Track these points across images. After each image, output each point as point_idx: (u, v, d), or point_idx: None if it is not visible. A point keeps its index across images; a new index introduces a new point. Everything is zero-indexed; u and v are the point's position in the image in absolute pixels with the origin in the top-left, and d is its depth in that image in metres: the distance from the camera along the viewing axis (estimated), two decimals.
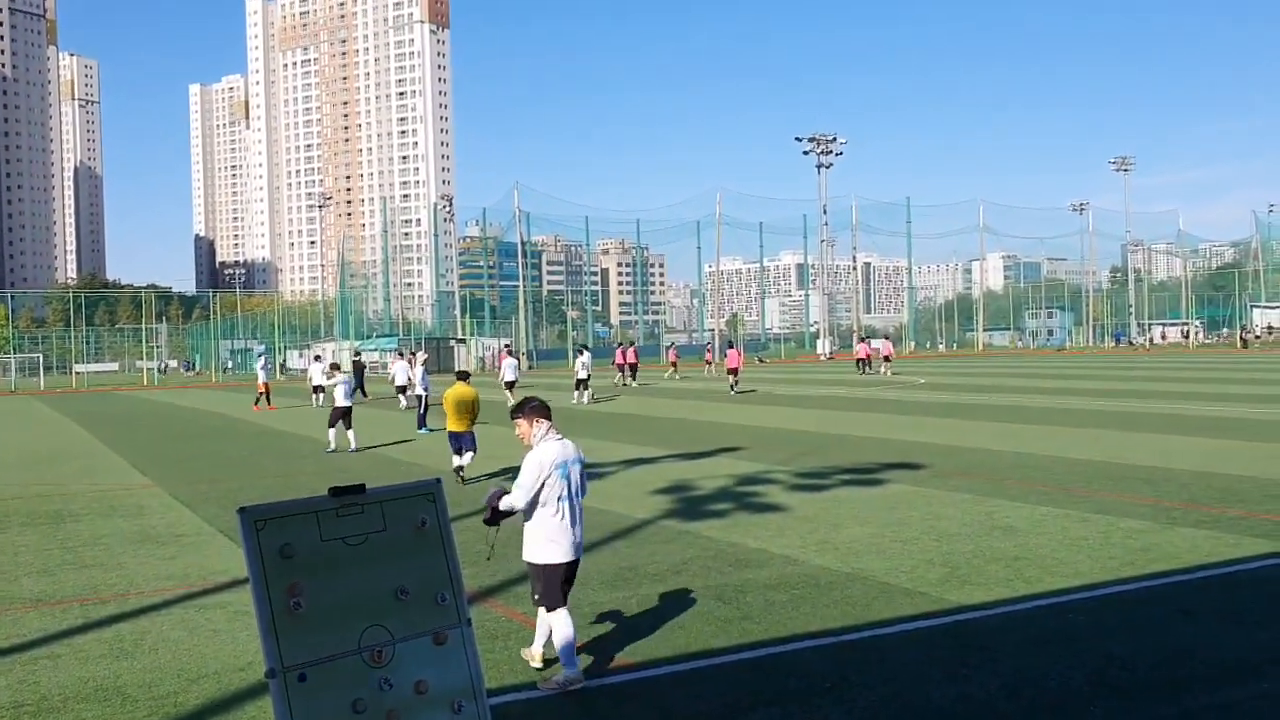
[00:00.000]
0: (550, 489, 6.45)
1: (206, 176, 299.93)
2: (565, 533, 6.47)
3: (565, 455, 6.57)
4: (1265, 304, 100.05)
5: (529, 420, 6.69)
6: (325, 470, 17.97)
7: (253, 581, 3.18)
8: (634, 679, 6.59)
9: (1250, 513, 11.44)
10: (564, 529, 6.47)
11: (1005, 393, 33.76)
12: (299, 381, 65.74)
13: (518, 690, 6.44)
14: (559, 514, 6.47)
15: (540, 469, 6.43)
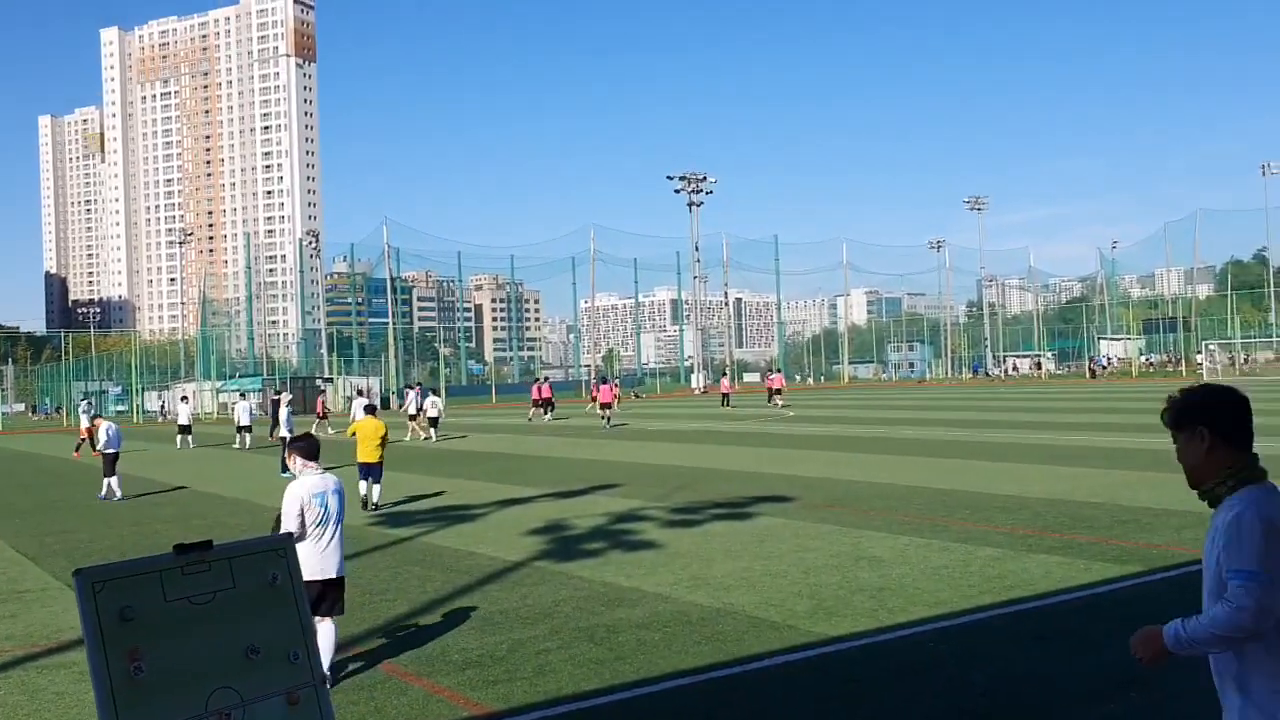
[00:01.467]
0: (308, 516, 7.25)
1: (58, 211, 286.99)
2: (317, 555, 7.23)
3: (325, 486, 7.39)
4: (1111, 336, 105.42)
5: (291, 456, 7.68)
6: (183, 518, 17.28)
7: (89, 649, 3.01)
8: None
9: (1100, 538, 11.96)
10: (321, 552, 7.28)
11: (870, 424, 34.66)
12: (160, 425, 63.20)
13: None
14: (317, 539, 7.28)
15: (298, 500, 7.24)
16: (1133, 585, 9.63)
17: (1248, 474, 3.01)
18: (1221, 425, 3.04)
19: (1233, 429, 3.04)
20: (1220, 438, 3.03)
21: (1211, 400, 3.07)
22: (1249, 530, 2.85)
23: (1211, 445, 3.04)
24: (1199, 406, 3.08)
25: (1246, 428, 3.07)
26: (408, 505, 17.60)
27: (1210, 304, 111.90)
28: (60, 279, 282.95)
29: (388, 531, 14.72)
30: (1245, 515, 2.90)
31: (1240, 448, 3.06)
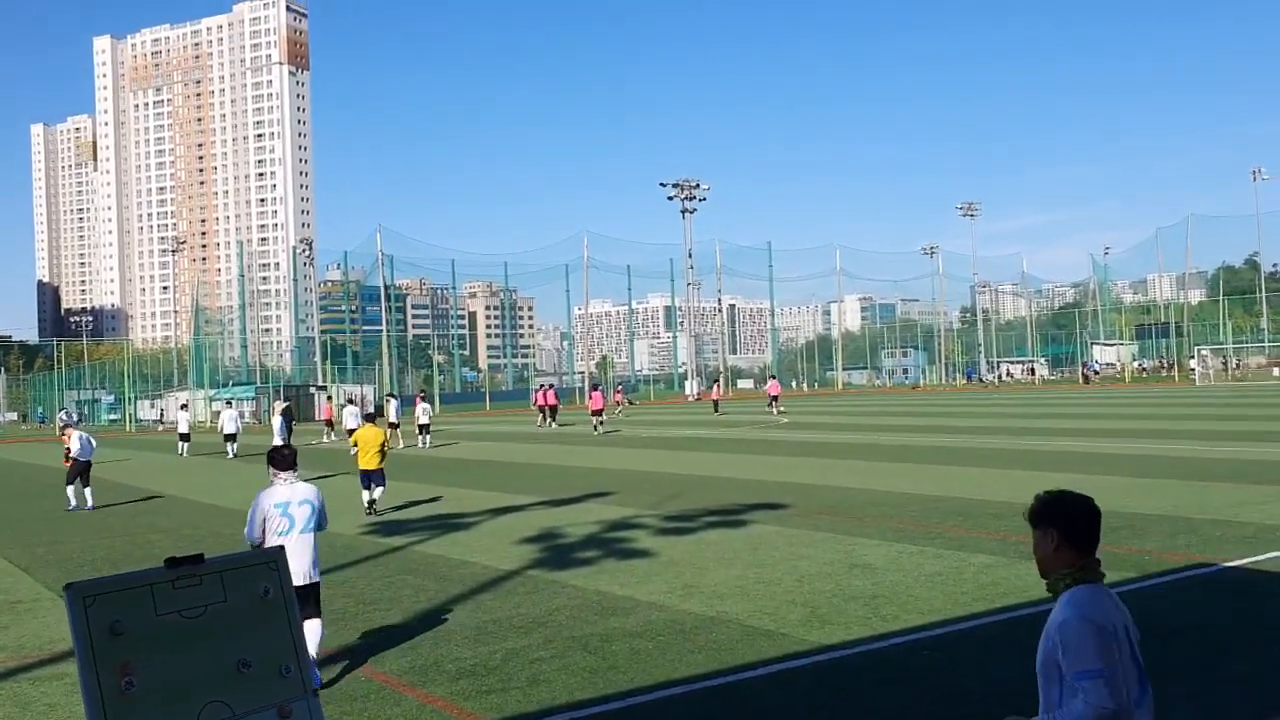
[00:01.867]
0: (272, 525, 7.63)
1: (51, 220, 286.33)
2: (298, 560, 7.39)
3: (290, 497, 7.72)
4: (1104, 341, 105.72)
5: (269, 467, 7.98)
6: (176, 528, 17.25)
7: (80, 663, 3.00)
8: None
9: None
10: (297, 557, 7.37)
11: (864, 431, 34.69)
12: (158, 433, 63.11)
13: None
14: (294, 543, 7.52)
15: (261, 509, 7.66)
16: (1125, 591, 9.64)
17: (1083, 575, 3.35)
18: (1069, 530, 3.40)
19: (1079, 535, 3.39)
20: (1066, 540, 3.39)
21: (1064, 507, 3.43)
22: (1081, 633, 3.17)
23: (1059, 545, 3.40)
24: (1054, 510, 3.44)
25: (1092, 535, 3.41)
26: (400, 514, 17.58)
27: (1202, 309, 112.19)
28: (53, 287, 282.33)
29: (381, 540, 14.70)
30: (1072, 620, 3.22)
31: (1082, 551, 3.40)
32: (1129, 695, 3.13)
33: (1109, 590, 3.39)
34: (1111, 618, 3.25)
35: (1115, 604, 3.34)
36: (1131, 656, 3.25)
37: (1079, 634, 3.17)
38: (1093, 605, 3.26)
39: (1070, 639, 3.18)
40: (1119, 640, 3.20)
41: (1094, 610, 3.23)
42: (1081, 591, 3.32)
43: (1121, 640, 3.21)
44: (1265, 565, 10.54)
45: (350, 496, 20.72)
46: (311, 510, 7.79)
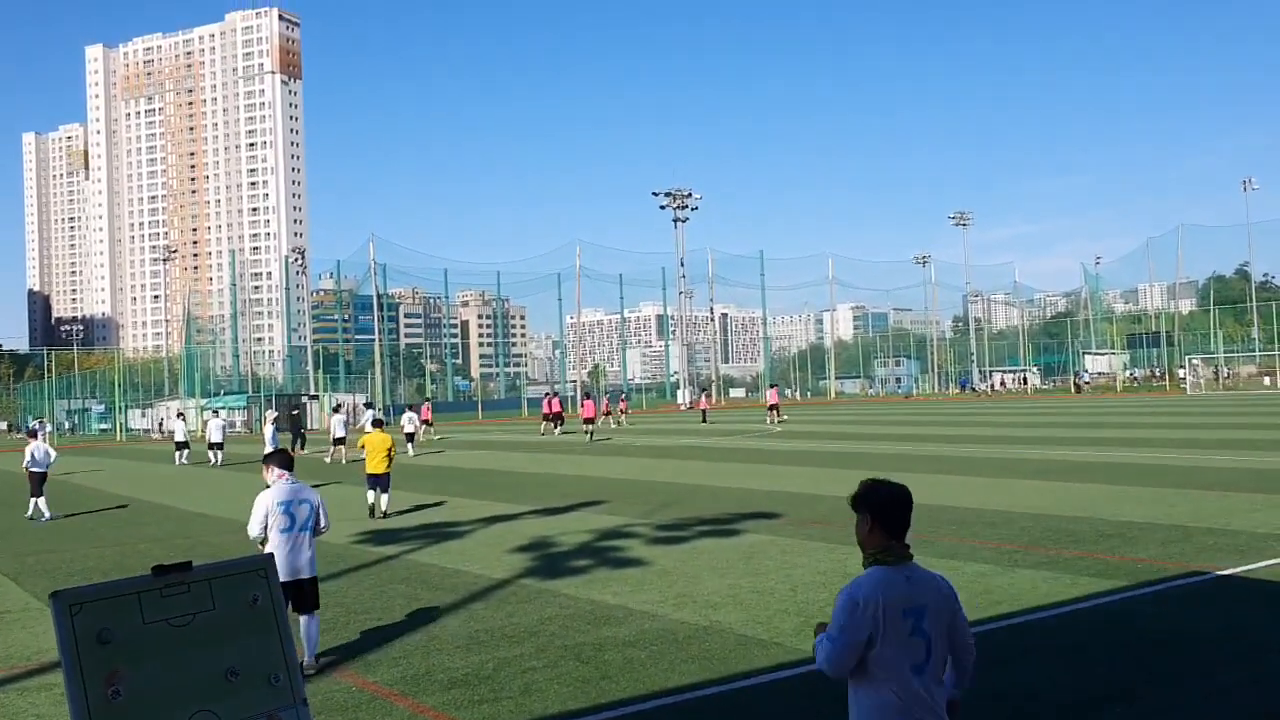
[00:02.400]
0: (274, 522, 8.10)
1: (42, 228, 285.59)
2: (287, 558, 8.05)
3: (291, 496, 8.21)
4: (1095, 351, 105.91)
5: (267, 468, 8.45)
6: (166, 537, 17.16)
7: (66, 672, 2.96)
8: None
9: (1086, 552, 11.97)
10: (282, 554, 8.01)
11: (857, 440, 34.69)
12: (152, 442, 62.88)
13: None
14: (278, 543, 8.09)
15: (264, 506, 8.13)
16: (1119, 599, 9.63)
17: (883, 557, 3.73)
18: (880, 516, 3.78)
19: (887, 520, 3.77)
20: (878, 524, 3.77)
21: (878, 496, 3.80)
22: (840, 604, 3.65)
23: (871, 528, 3.78)
24: (869, 498, 3.81)
25: (900, 521, 3.78)
26: (393, 523, 17.50)
27: (1193, 319, 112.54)
28: (43, 296, 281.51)
29: (373, 549, 14.64)
30: (841, 594, 3.69)
31: (890, 534, 3.77)
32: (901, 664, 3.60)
33: (908, 571, 3.73)
34: (884, 596, 3.62)
35: (907, 585, 3.69)
36: (914, 631, 3.63)
37: (838, 604, 3.65)
38: (866, 585, 3.66)
39: (836, 606, 3.66)
40: (880, 617, 3.58)
41: (861, 590, 3.63)
42: (871, 572, 3.72)
43: (889, 617, 3.59)
44: (1259, 574, 10.54)
45: (340, 507, 20.65)
46: (310, 509, 8.35)
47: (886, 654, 3.60)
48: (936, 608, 3.72)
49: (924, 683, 3.64)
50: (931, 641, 3.67)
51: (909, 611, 3.64)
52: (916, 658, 3.63)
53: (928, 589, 3.74)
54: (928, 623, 3.67)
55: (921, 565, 3.89)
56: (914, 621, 3.64)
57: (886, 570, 3.70)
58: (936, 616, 3.70)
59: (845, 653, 3.60)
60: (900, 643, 3.61)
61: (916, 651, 3.63)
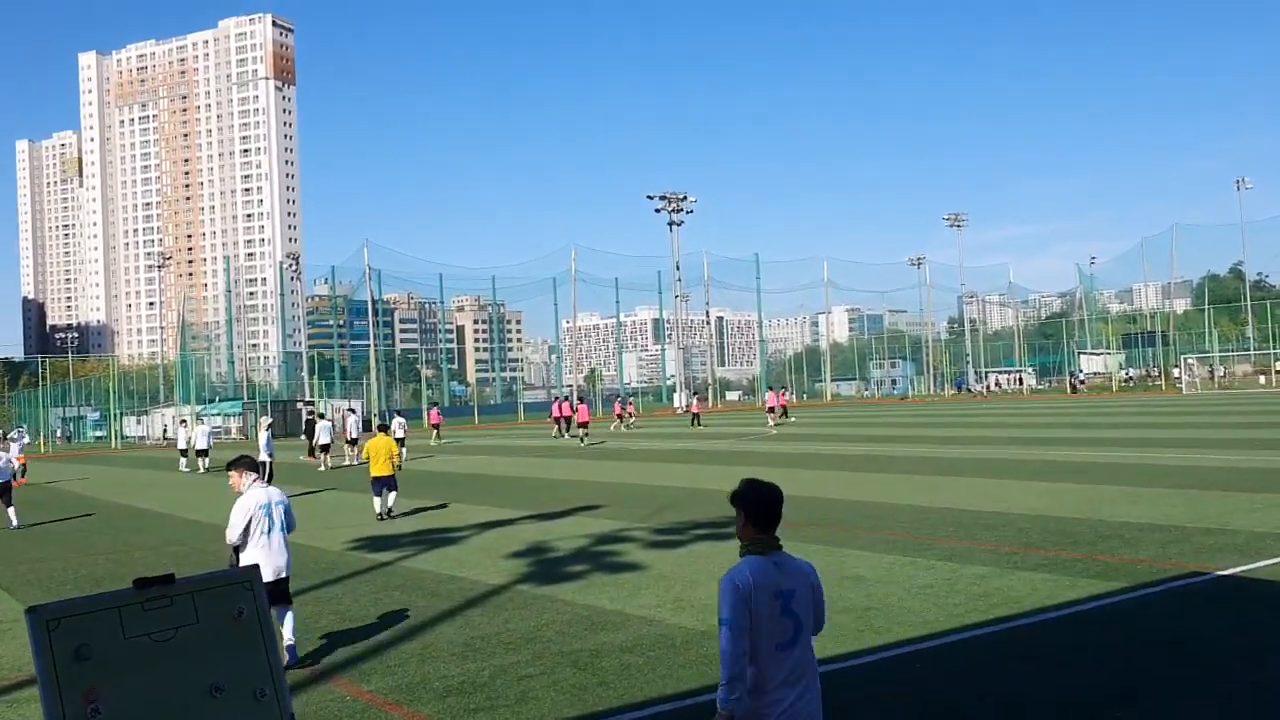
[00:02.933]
0: (255, 525, 8.37)
1: (36, 236, 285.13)
2: (269, 558, 8.35)
3: (269, 498, 8.51)
4: (1090, 351, 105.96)
5: (239, 473, 8.59)
6: (164, 544, 17.05)
7: (42, 690, 2.88)
8: None
9: (1084, 554, 11.91)
10: (268, 555, 8.35)
11: (853, 442, 34.63)
12: (139, 449, 62.70)
13: None
14: (262, 545, 8.39)
15: (247, 510, 8.35)
16: (1119, 601, 9.57)
17: (755, 548, 4.22)
18: (751, 512, 4.26)
19: (757, 516, 4.25)
20: (750, 519, 4.26)
21: (750, 494, 4.29)
22: (723, 591, 4.08)
23: (745, 523, 4.28)
24: (743, 496, 4.31)
25: (769, 516, 4.27)
26: (389, 529, 17.41)
27: (1188, 318, 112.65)
28: (38, 304, 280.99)
29: (367, 556, 14.55)
30: (723, 581, 4.10)
31: (761, 528, 4.25)
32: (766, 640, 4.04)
33: (777, 559, 4.20)
34: (759, 581, 4.09)
35: (776, 572, 4.16)
36: (783, 612, 4.10)
37: (722, 591, 4.08)
38: (743, 572, 4.10)
39: (720, 594, 4.09)
40: (757, 600, 4.04)
41: (740, 576, 4.08)
42: (747, 561, 4.18)
43: (764, 600, 4.06)
44: (1258, 573, 10.48)
45: (334, 513, 20.59)
46: (284, 509, 8.73)
47: (758, 633, 4.05)
48: (803, 591, 4.20)
49: (790, 657, 4.10)
50: (799, 621, 4.15)
51: (778, 594, 4.12)
52: (784, 636, 4.10)
53: (795, 575, 4.22)
54: (795, 604, 4.15)
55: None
56: (783, 603, 4.12)
57: (759, 559, 4.18)
58: (803, 599, 4.18)
59: (743, 634, 4.02)
60: (770, 622, 4.07)
61: (785, 630, 4.10)
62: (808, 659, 4.18)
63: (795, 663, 4.09)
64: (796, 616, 4.12)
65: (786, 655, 4.08)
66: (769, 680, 4.05)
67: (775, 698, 4.04)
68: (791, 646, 4.10)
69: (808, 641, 4.19)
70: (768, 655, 4.05)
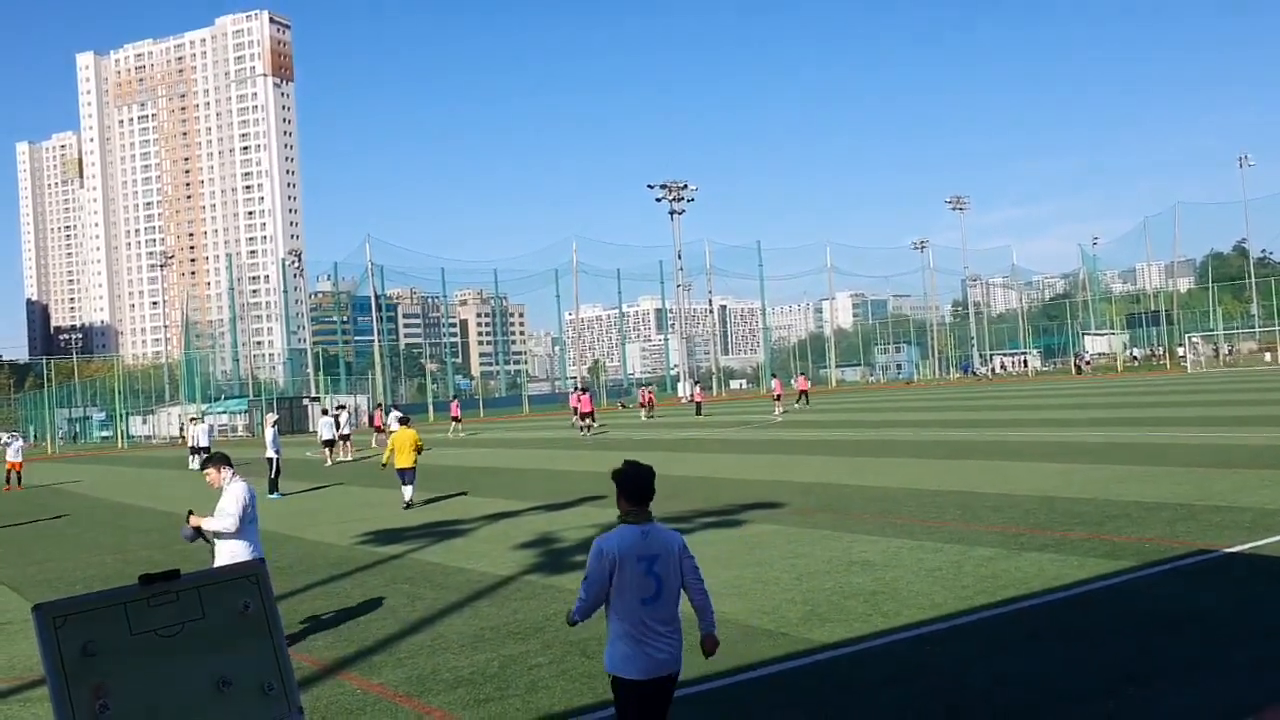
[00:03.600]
0: (248, 514, 8.73)
1: (38, 238, 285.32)
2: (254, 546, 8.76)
3: (251, 489, 8.91)
4: (1095, 331, 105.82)
5: (217, 469, 8.96)
6: (166, 544, 17.08)
7: (51, 688, 2.88)
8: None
9: (1092, 534, 11.90)
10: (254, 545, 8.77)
11: (859, 427, 34.62)
12: (145, 449, 62.85)
13: None
14: (251, 534, 8.78)
15: (241, 500, 8.69)
16: (1127, 580, 9.56)
17: (626, 519, 5.04)
18: (622, 487, 5.07)
19: (628, 491, 5.05)
20: (621, 494, 5.06)
21: (622, 473, 5.08)
22: (590, 554, 4.99)
23: (619, 497, 5.06)
24: (617, 474, 5.11)
25: (639, 491, 5.04)
26: (397, 522, 17.43)
27: (1192, 297, 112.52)
28: (42, 305, 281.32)
29: (375, 550, 14.57)
30: (594, 544, 5.00)
31: (632, 501, 5.04)
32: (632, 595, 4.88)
33: (646, 529, 4.98)
34: (621, 547, 4.90)
35: (643, 540, 4.95)
36: (647, 573, 4.90)
37: (590, 554, 4.97)
38: (611, 540, 4.93)
39: (589, 556, 4.97)
40: (624, 563, 4.86)
41: (608, 542, 4.93)
42: (619, 530, 4.98)
43: (630, 563, 4.87)
44: (1266, 550, 10.46)
45: (342, 508, 20.66)
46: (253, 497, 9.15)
47: (624, 589, 4.88)
48: (665, 556, 4.98)
49: (652, 611, 4.90)
50: (661, 581, 4.93)
51: (642, 559, 4.90)
52: (647, 592, 4.90)
53: (660, 544, 5.00)
54: (658, 567, 4.93)
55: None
56: (646, 566, 4.90)
57: (630, 528, 4.97)
58: (665, 564, 4.96)
59: (595, 589, 4.95)
60: (635, 581, 4.87)
61: (648, 588, 4.90)
62: (672, 612, 5.00)
63: (659, 614, 4.93)
64: (659, 578, 4.95)
65: (651, 608, 4.91)
66: (636, 627, 4.88)
67: (642, 642, 4.90)
68: (655, 601, 4.92)
69: (671, 598, 4.99)
70: (635, 608, 4.88)
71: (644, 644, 4.88)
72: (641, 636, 4.88)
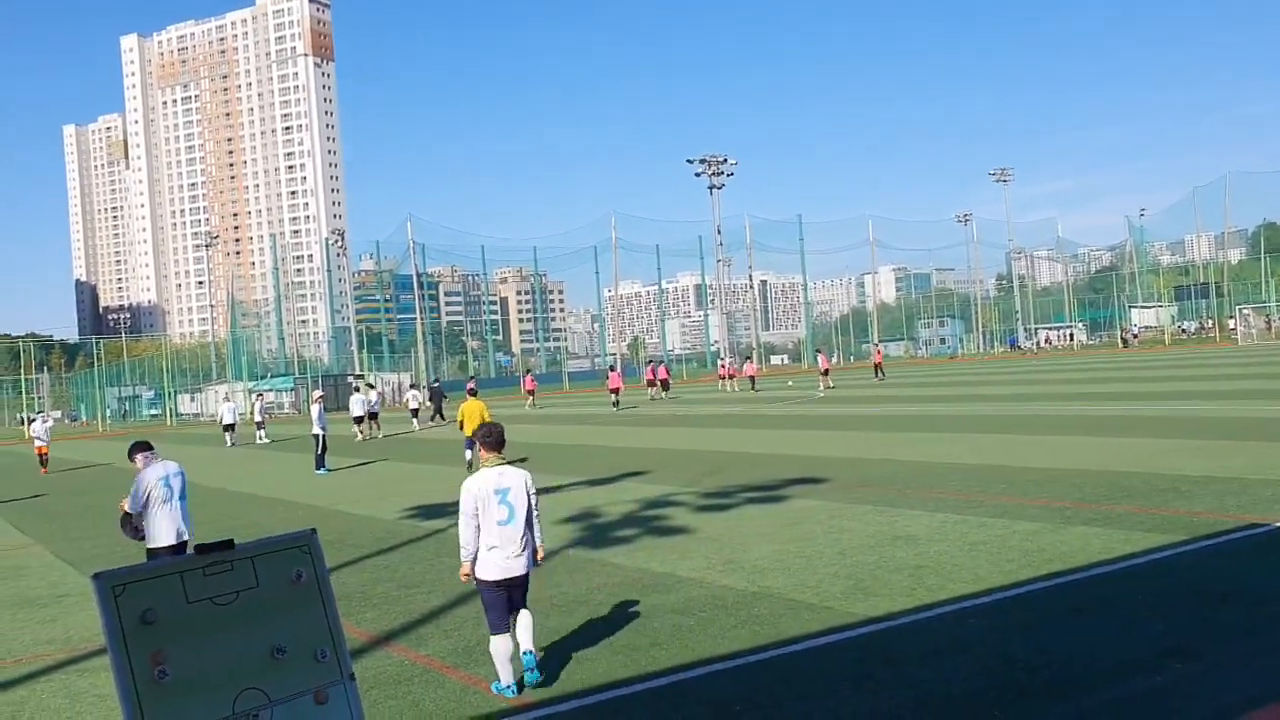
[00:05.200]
0: (155, 496, 9.24)
1: (86, 219, 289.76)
2: (167, 523, 9.30)
3: (165, 471, 9.46)
4: (1142, 304, 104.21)
5: (133, 457, 9.58)
6: (218, 519, 17.38)
7: (112, 653, 2.96)
8: (538, 716, 6.44)
9: (1139, 508, 11.78)
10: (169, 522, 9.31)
11: (902, 402, 34.41)
12: (193, 426, 63.85)
13: None
14: (162, 513, 9.30)
15: (145, 484, 9.23)
16: (1175, 554, 9.46)
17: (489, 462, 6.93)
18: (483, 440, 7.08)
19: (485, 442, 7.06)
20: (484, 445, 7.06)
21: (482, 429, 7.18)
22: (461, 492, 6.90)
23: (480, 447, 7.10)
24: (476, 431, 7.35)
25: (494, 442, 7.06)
26: (440, 498, 17.60)
27: (1243, 268, 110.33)
28: (90, 286, 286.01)
29: (421, 524, 14.74)
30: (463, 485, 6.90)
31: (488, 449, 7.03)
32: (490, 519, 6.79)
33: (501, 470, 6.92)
34: (481, 484, 6.84)
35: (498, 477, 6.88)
36: (500, 502, 6.79)
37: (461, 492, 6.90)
38: (475, 479, 6.89)
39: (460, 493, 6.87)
40: (483, 496, 6.80)
41: (473, 481, 6.88)
42: (481, 471, 6.94)
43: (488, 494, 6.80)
44: None
45: (386, 484, 20.90)
46: (182, 480, 9.68)
47: (487, 515, 6.78)
48: (516, 489, 6.89)
49: (506, 530, 6.79)
50: (513, 508, 6.84)
51: (498, 491, 6.83)
52: (503, 517, 6.81)
53: (511, 479, 6.92)
54: (511, 497, 6.85)
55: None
56: (501, 496, 6.82)
57: (488, 470, 6.92)
58: (516, 494, 6.87)
59: (468, 518, 6.82)
60: (493, 508, 6.80)
61: (503, 513, 6.81)
62: (522, 531, 6.84)
63: (510, 533, 6.78)
64: (511, 506, 6.82)
65: (504, 529, 6.77)
66: (496, 540, 6.77)
67: (497, 553, 6.76)
68: (508, 523, 6.79)
69: (521, 521, 6.84)
70: (492, 528, 6.77)
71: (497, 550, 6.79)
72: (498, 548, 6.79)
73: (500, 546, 6.73)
